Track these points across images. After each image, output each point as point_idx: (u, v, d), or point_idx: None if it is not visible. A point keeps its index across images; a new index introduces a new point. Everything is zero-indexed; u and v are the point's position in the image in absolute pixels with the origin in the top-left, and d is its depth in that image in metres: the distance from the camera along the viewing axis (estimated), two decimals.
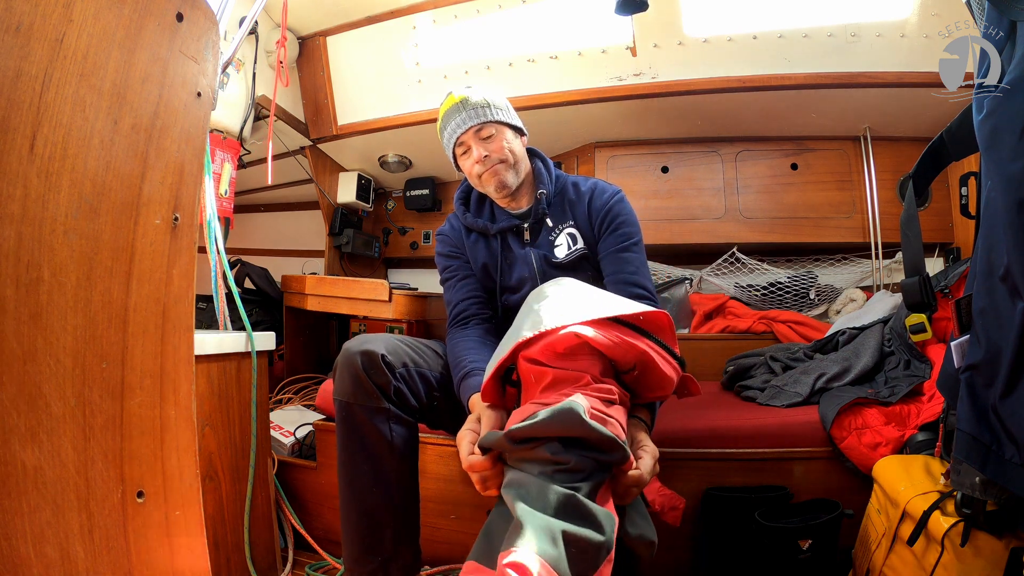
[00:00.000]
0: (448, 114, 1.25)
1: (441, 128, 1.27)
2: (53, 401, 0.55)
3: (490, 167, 1.22)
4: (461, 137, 1.23)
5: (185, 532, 0.69)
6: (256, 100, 1.91)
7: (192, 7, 0.71)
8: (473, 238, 1.30)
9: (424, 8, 2.01)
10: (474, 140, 1.22)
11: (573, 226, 1.25)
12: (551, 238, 1.26)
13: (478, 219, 1.29)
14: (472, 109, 1.22)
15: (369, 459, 1.04)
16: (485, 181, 1.24)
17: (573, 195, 1.28)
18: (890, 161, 2.17)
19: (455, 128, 1.23)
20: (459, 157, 1.27)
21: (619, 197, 1.26)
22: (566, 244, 1.25)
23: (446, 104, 1.26)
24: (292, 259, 2.92)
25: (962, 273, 1.36)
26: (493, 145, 1.23)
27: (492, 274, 1.28)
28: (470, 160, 1.23)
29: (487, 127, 1.23)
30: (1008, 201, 0.69)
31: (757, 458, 1.29)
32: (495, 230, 1.27)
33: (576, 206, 1.26)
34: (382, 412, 1.04)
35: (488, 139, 1.23)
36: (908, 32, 1.75)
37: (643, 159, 2.33)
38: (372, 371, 1.03)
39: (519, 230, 1.27)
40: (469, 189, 1.35)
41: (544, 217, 1.26)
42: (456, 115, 1.23)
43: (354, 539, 1.05)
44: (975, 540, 0.86)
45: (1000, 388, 0.72)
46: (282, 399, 2.05)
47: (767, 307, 2.14)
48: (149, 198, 0.66)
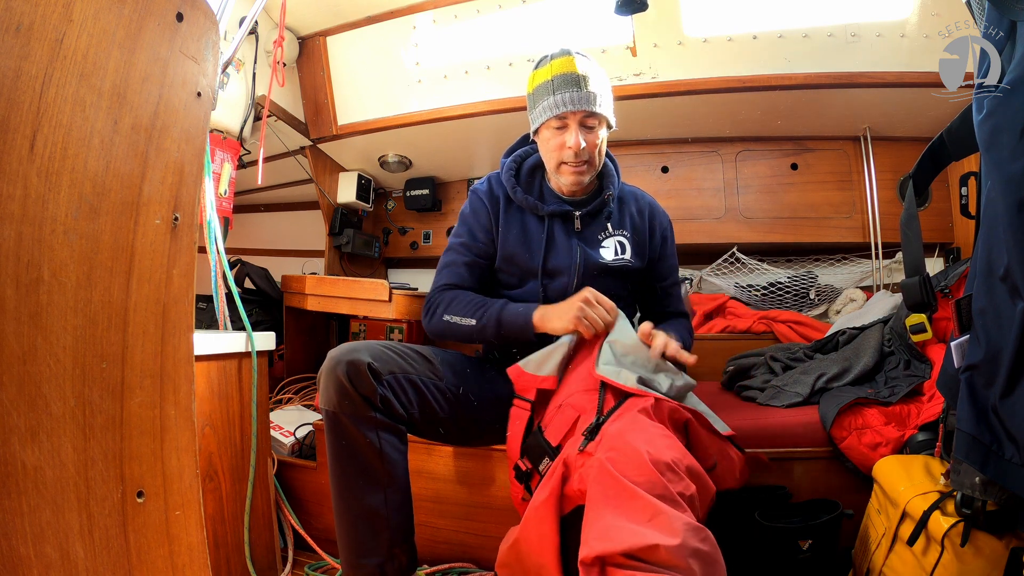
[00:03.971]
0: (561, 80, 1.13)
1: (543, 87, 1.16)
2: (53, 401, 0.55)
3: (577, 163, 1.16)
4: (566, 113, 1.13)
5: (185, 532, 0.69)
6: (256, 100, 1.91)
7: (192, 7, 0.70)
8: (513, 211, 1.24)
9: (424, 8, 2.01)
10: (576, 125, 1.14)
11: (625, 235, 1.23)
12: (600, 237, 1.22)
13: (528, 195, 1.23)
14: (590, 91, 1.13)
15: (359, 467, 1.03)
16: (563, 171, 1.18)
17: (633, 207, 1.26)
18: (890, 161, 2.17)
19: (564, 102, 1.12)
20: (547, 127, 1.17)
21: (670, 223, 1.32)
22: (614, 249, 1.22)
23: (562, 64, 1.15)
24: (292, 259, 2.92)
25: (962, 273, 1.36)
26: (591, 138, 1.16)
27: (521, 252, 1.22)
28: (560, 139, 1.15)
29: (595, 117, 1.15)
30: (1008, 201, 0.69)
31: (757, 458, 1.29)
32: (546, 211, 1.21)
33: (636, 218, 1.25)
34: (370, 421, 1.02)
35: (590, 130, 1.16)
36: (908, 32, 1.75)
37: (643, 159, 2.33)
38: (357, 380, 1.00)
39: (570, 216, 1.21)
40: (524, 157, 1.27)
41: (604, 216, 1.23)
42: (571, 88, 1.12)
43: (349, 544, 1.05)
44: (975, 540, 0.86)
45: (1000, 388, 0.72)
46: (282, 399, 2.05)
47: (767, 307, 2.14)
48: (149, 198, 0.66)
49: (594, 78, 1.16)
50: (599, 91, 1.16)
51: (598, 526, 0.75)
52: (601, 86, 1.17)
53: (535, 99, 1.19)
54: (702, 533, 0.74)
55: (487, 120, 2.17)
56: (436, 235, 2.78)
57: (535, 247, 1.21)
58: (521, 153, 1.29)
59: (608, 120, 1.20)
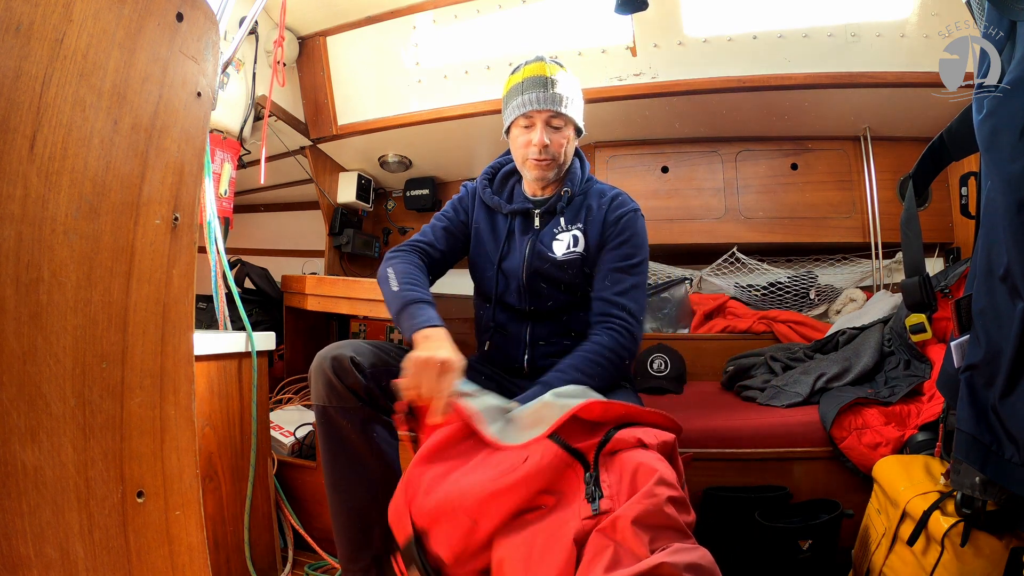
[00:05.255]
0: (530, 82, 1.21)
1: (514, 89, 1.24)
2: (53, 401, 0.55)
3: (542, 159, 1.21)
4: (532, 112, 1.20)
5: (185, 532, 0.69)
6: (256, 100, 1.91)
7: (192, 7, 0.70)
8: (486, 210, 1.32)
9: (424, 8, 2.01)
10: (542, 123, 1.20)
11: (580, 228, 1.24)
12: (555, 231, 1.25)
13: (495, 196, 1.30)
14: (556, 93, 1.19)
15: (351, 460, 1.07)
16: (529, 167, 1.23)
17: (594, 201, 1.27)
18: (890, 161, 2.17)
19: (531, 101, 1.19)
20: (516, 125, 1.24)
21: (635, 214, 1.25)
22: (567, 243, 1.23)
23: (533, 69, 1.22)
24: (292, 259, 2.92)
25: (962, 273, 1.36)
26: (557, 137, 1.21)
27: (488, 245, 1.29)
28: (527, 137, 1.21)
29: (561, 118, 1.21)
30: (1008, 201, 0.69)
31: (757, 458, 1.29)
32: (507, 210, 1.27)
33: (592, 211, 1.25)
34: (357, 412, 1.06)
35: (556, 130, 1.21)
36: (908, 32, 1.75)
37: (643, 159, 2.33)
38: (342, 373, 1.05)
39: (529, 214, 1.27)
40: (499, 166, 1.35)
41: (558, 213, 1.26)
42: (538, 89, 1.19)
43: (345, 539, 1.08)
44: (975, 540, 0.86)
45: (1000, 388, 0.72)
46: (282, 399, 2.05)
47: (767, 307, 2.14)
48: (149, 198, 0.66)
49: (563, 83, 1.21)
50: (567, 94, 1.21)
51: None
52: (570, 90, 1.23)
53: (507, 100, 1.26)
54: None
55: (487, 120, 2.17)
56: None
57: (497, 243, 1.28)
58: (501, 161, 1.36)
59: (575, 123, 1.25)
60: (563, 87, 1.21)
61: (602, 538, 0.75)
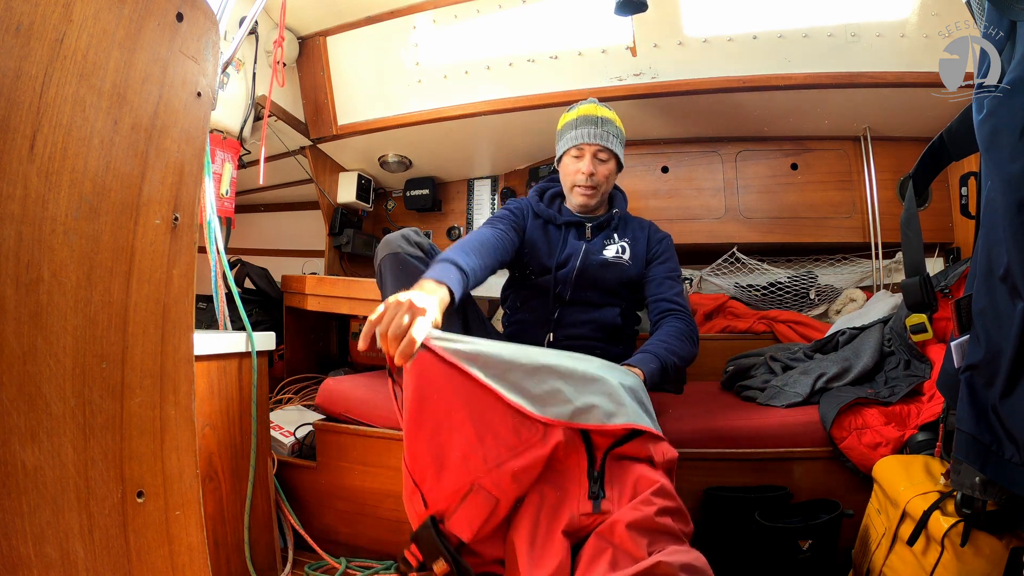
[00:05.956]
0: (584, 119, 1.44)
1: (568, 124, 1.47)
2: (53, 401, 0.55)
3: (587, 186, 1.43)
4: (583, 144, 1.43)
5: (185, 532, 0.69)
6: (256, 100, 1.91)
7: (192, 7, 0.70)
8: (538, 221, 1.50)
9: (424, 8, 2.01)
10: (591, 155, 1.42)
11: (629, 244, 1.48)
12: (605, 243, 1.47)
13: (549, 209, 1.51)
14: (606, 130, 1.43)
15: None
16: (576, 193, 1.45)
17: (634, 223, 1.53)
18: (890, 161, 2.17)
19: (584, 135, 1.42)
20: (568, 155, 1.46)
21: (670, 238, 1.54)
22: (615, 251, 1.46)
23: (588, 109, 1.46)
24: (292, 259, 2.92)
25: (962, 273, 1.36)
26: (603, 169, 1.44)
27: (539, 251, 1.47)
28: (576, 165, 1.44)
29: (607, 152, 1.44)
30: (1008, 201, 0.69)
31: (757, 458, 1.29)
32: (562, 221, 1.48)
33: (635, 231, 1.51)
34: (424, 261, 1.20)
35: (602, 162, 1.44)
36: (908, 32, 1.75)
37: (643, 159, 2.33)
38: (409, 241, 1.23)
39: (582, 225, 1.48)
40: (546, 188, 1.57)
41: (610, 227, 1.49)
42: (591, 126, 1.42)
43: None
44: (975, 540, 0.86)
45: (1000, 388, 0.72)
46: (282, 399, 2.05)
47: (767, 307, 2.14)
48: (149, 198, 0.66)
49: (611, 123, 1.45)
50: (613, 133, 1.45)
51: None
52: (616, 130, 1.46)
53: (561, 134, 1.49)
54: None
55: (487, 120, 2.17)
56: (436, 235, 2.78)
57: (552, 247, 1.47)
58: (544, 185, 1.57)
59: (619, 158, 1.47)
60: (611, 127, 1.44)
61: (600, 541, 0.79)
